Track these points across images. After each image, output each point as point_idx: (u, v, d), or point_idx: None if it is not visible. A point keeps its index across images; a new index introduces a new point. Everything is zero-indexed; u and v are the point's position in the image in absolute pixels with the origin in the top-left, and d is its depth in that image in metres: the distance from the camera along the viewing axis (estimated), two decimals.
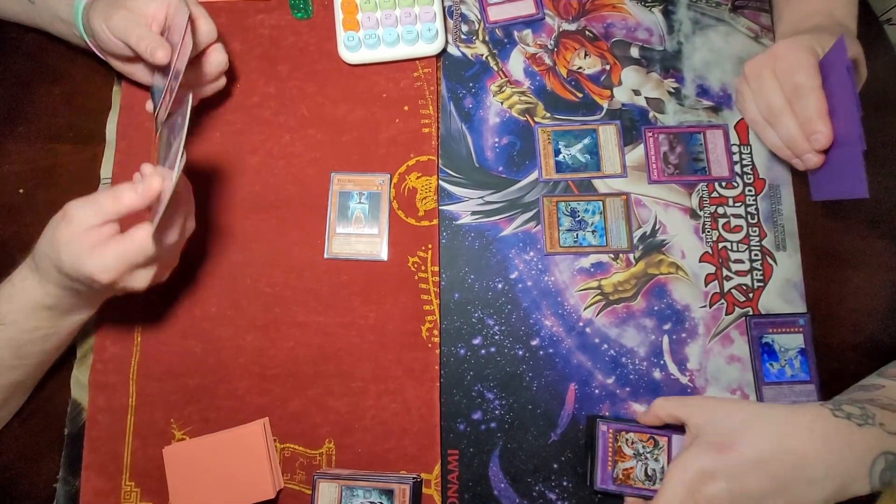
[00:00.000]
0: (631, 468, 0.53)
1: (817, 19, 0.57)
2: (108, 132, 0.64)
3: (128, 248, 0.46)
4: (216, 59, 0.58)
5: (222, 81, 0.61)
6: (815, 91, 0.50)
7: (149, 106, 0.57)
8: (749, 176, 0.61)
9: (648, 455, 0.54)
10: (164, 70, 0.53)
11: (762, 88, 0.53)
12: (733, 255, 0.60)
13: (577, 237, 0.60)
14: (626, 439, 0.54)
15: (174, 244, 0.51)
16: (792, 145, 0.53)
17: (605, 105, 0.63)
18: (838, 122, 0.50)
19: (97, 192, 0.47)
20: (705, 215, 0.61)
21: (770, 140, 0.55)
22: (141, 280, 0.49)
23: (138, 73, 0.59)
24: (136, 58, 0.55)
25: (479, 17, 0.66)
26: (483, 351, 0.59)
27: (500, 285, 0.60)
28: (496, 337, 0.59)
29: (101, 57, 0.59)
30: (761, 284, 0.59)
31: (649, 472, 0.53)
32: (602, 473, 0.53)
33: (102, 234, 0.46)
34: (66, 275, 0.47)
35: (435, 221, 0.61)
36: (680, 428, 0.52)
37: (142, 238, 0.46)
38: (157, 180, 0.45)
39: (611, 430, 0.54)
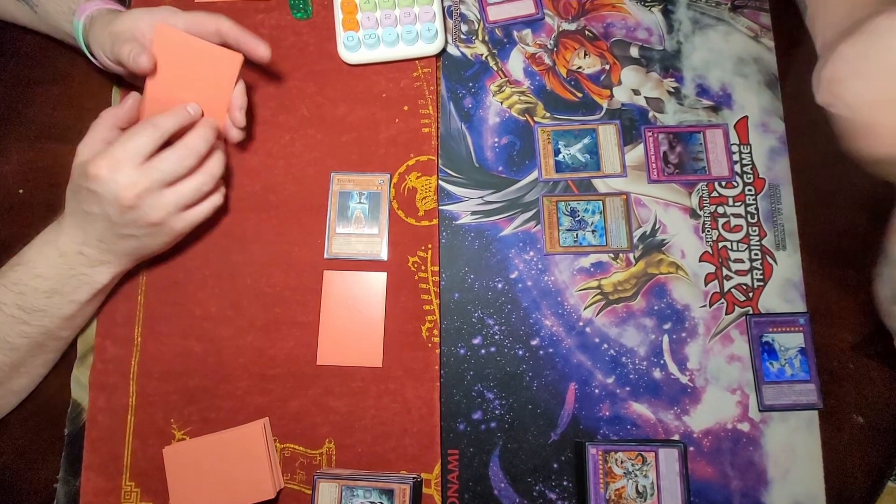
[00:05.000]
0: (622, 487, 0.54)
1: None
2: None
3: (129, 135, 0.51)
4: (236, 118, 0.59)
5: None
6: None
7: None
8: (749, 175, 0.61)
9: (638, 472, 0.54)
10: None
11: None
12: (733, 255, 0.60)
13: (576, 237, 0.60)
14: (616, 459, 0.54)
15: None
16: None
17: (605, 105, 0.63)
18: None
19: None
20: (705, 215, 0.61)
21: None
22: (161, 206, 0.52)
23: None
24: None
25: (479, 16, 0.66)
26: (483, 351, 0.59)
27: (500, 285, 0.60)
28: (496, 337, 0.59)
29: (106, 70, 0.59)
30: (761, 284, 0.59)
31: (640, 489, 0.54)
32: (595, 497, 0.54)
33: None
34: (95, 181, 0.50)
35: (435, 221, 0.61)
36: (666, 441, 0.55)
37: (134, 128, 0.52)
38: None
39: (600, 452, 0.54)
